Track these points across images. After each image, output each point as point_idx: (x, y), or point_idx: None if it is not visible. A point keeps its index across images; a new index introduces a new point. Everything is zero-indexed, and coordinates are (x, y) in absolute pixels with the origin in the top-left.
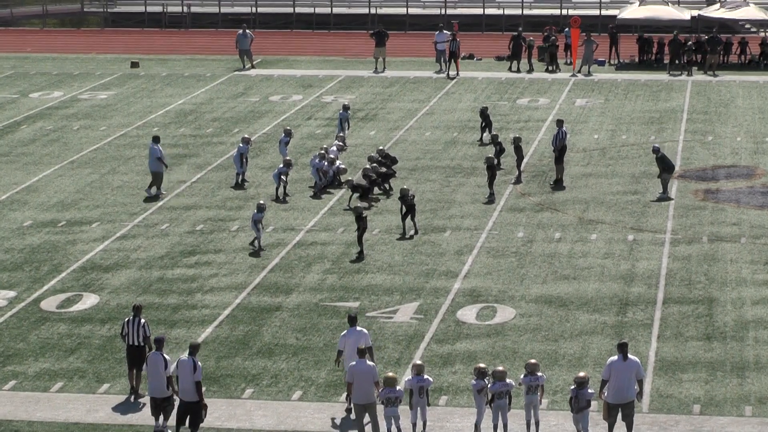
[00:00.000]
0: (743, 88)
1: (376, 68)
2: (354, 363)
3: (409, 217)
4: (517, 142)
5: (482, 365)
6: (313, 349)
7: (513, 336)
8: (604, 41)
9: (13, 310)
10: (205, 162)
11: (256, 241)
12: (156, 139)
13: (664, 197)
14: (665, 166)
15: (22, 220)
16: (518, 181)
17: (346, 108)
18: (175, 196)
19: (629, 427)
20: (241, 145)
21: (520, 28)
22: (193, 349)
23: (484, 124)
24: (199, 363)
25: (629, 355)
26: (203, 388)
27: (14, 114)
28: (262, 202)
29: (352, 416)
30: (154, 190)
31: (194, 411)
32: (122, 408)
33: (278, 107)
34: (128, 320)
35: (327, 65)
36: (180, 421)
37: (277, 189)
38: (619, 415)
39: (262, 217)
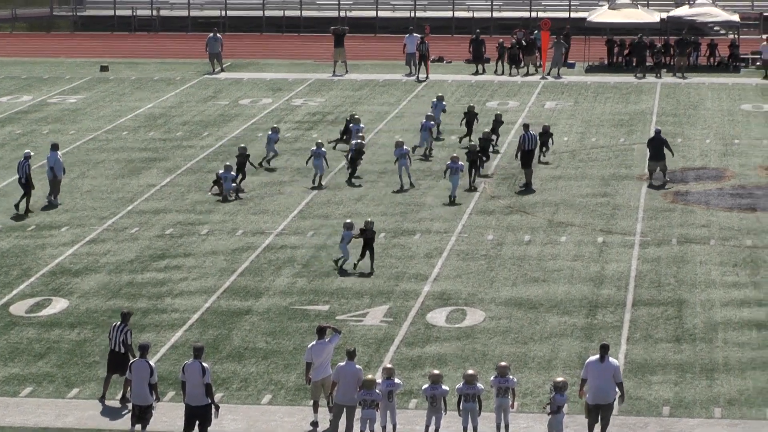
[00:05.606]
0: (712, 90)
1: (334, 71)
2: (343, 363)
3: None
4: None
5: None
6: (282, 353)
7: (483, 339)
8: (574, 43)
9: None
10: (175, 166)
11: (341, 260)
12: (54, 147)
13: (661, 182)
14: (654, 153)
15: None
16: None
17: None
18: (144, 200)
19: (603, 428)
20: (270, 133)
21: (478, 30)
22: (198, 351)
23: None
24: (207, 365)
25: (609, 358)
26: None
27: None
28: (349, 221)
29: (319, 429)
30: (53, 197)
31: (202, 415)
32: (102, 412)
33: (248, 110)
34: (115, 326)
35: (297, 68)
36: (188, 427)
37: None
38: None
39: (351, 236)
